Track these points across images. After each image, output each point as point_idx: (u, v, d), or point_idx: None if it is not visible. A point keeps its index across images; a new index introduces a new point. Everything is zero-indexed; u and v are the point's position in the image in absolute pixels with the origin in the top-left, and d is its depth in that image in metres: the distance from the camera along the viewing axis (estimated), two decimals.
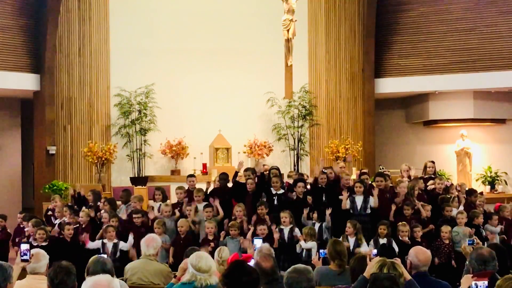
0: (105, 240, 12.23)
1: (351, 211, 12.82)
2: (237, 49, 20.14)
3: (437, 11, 20.34)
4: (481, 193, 15.85)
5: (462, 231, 12.62)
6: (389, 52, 20.75)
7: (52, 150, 18.75)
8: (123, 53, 19.66)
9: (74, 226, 12.76)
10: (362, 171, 14.91)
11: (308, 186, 13.85)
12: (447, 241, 12.37)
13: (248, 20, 20.17)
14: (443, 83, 20.09)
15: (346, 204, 12.83)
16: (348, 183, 13.42)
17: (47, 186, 17.59)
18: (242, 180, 14.04)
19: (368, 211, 12.82)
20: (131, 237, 12.26)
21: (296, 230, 12.26)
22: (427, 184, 14.19)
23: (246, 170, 14.34)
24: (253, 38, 20.20)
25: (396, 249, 11.64)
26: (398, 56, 20.70)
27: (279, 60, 17.63)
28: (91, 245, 12.23)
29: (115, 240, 12.21)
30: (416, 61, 20.48)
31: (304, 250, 11.91)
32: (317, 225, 12.62)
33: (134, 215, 12.85)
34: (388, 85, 20.72)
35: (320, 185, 13.46)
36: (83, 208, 13.52)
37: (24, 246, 6.85)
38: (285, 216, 12.37)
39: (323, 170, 14.06)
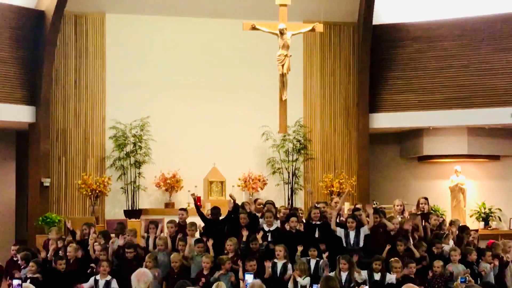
0: (97, 277, 12.21)
1: (345, 245, 12.83)
2: (232, 83, 20.26)
3: (432, 47, 20.46)
4: (476, 231, 15.86)
5: (456, 268, 12.62)
6: (384, 87, 20.83)
7: (47, 182, 18.72)
8: (118, 86, 19.73)
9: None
10: (356, 206, 14.91)
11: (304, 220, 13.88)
12: (439, 275, 12.38)
13: (243, 55, 20.30)
14: (438, 119, 20.15)
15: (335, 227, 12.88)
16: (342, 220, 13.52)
17: (41, 218, 17.55)
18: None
19: (361, 244, 12.85)
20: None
21: (289, 266, 12.24)
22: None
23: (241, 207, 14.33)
24: (248, 73, 20.32)
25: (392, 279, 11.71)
26: (392, 91, 20.78)
27: (274, 95, 17.70)
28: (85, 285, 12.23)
29: (108, 277, 12.21)
30: (410, 97, 20.56)
31: (300, 286, 11.87)
32: (313, 261, 12.59)
33: (126, 250, 12.82)
34: (383, 120, 20.77)
35: (313, 222, 13.45)
36: (71, 243, 13.48)
37: (16, 282, 6.86)
38: (279, 249, 12.38)
39: (316, 205, 14.09)
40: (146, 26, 20.05)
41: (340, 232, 13.05)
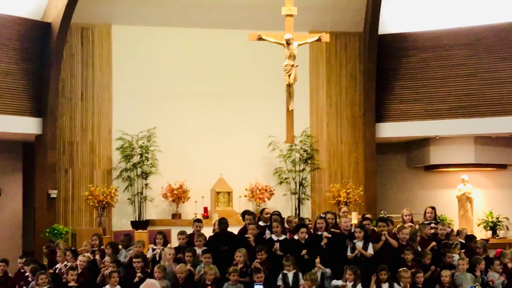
0: (107, 287, 12.22)
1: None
2: (239, 94, 20.29)
3: (438, 56, 20.47)
4: (487, 240, 15.82)
5: (464, 277, 12.59)
6: (390, 96, 20.83)
7: (54, 194, 18.74)
8: (125, 97, 19.78)
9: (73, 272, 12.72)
10: (365, 216, 14.87)
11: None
12: (447, 285, 12.33)
13: (250, 65, 20.33)
14: (444, 128, 20.13)
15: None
16: (347, 227, 13.49)
17: (48, 230, 17.56)
18: None
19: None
20: None
21: (300, 275, 12.23)
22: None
23: (248, 213, 14.34)
24: (254, 83, 20.35)
25: None
26: (399, 101, 20.77)
27: (281, 105, 17.66)
28: None
29: (118, 287, 12.23)
30: (417, 106, 20.54)
31: None
32: (319, 272, 12.60)
33: (134, 260, 12.81)
34: (389, 130, 20.75)
35: (319, 232, 13.44)
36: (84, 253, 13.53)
37: None
38: (287, 264, 12.36)
39: (322, 215, 14.08)
40: (152, 37, 20.10)
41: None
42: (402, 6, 20.83)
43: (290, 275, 12.27)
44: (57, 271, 13.40)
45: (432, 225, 14.39)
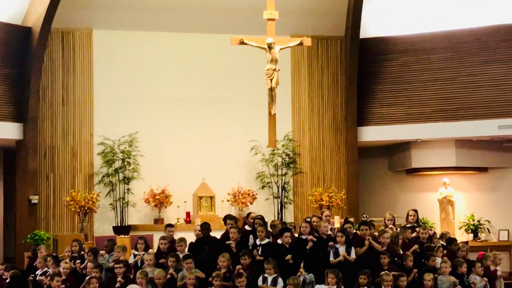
0: None
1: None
2: (221, 98, 20.28)
3: (419, 60, 20.55)
4: (467, 242, 15.89)
5: (447, 280, 12.64)
6: (372, 100, 20.89)
7: (35, 199, 18.63)
8: (106, 102, 19.71)
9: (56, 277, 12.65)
10: (348, 219, 14.88)
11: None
12: None
13: (232, 70, 20.33)
14: (425, 132, 20.22)
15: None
16: (327, 231, 13.52)
17: (29, 235, 17.43)
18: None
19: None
20: None
21: (280, 280, 12.21)
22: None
23: (229, 218, 14.32)
24: (236, 87, 20.36)
25: None
26: (380, 104, 20.84)
27: (263, 109, 17.70)
28: None
29: None
30: (398, 110, 20.62)
31: None
32: (302, 277, 12.59)
33: (116, 265, 12.75)
34: (371, 134, 20.82)
35: (303, 236, 13.43)
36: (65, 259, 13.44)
37: None
38: (268, 267, 12.34)
39: (307, 219, 14.08)
40: (134, 42, 20.06)
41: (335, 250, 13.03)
42: (383, 10, 20.92)
43: (270, 279, 12.26)
44: (37, 278, 13.31)
45: (419, 229, 14.39)
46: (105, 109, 19.68)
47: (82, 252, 13.85)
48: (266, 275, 12.31)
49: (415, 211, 15.06)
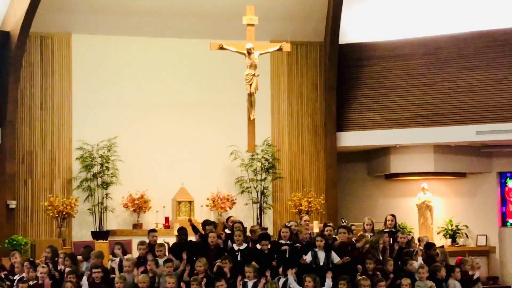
0: None
1: (314, 266, 12.81)
2: (200, 103, 20.25)
3: (398, 66, 20.66)
4: (442, 246, 15.95)
5: (424, 285, 12.67)
6: (351, 106, 20.96)
7: (12, 204, 18.52)
8: (85, 107, 19.63)
9: (32, 283, 12.56)
10: (327, 224, 14.90)
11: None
12: None
13: (211, 75, 20.31)
14: (404, 137, 20.30)
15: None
16: (307, 237, 13.53)
17: (7, 241, 17.33)
18: None
19: (331, 266, 12.85)
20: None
21: (260, 285, 12.21)
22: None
23: (208, 223, 14.32)
24: (216, 92, 20.34)
25: None
26: (359, 110, 20.92)
27: (242, 114, 17.74)
28: None
29: None
30: (377, 115, 20.70)
31: None
32: (282, 280, 12.60)
33: (93, 270, 12.69)
34: (350, 139, 20.88)
35: (283, 241, 13.45)
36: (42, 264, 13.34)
37: None
38: (249, 270, 12.33)
39: (286, 224, 14.10)
40: (112, 47, 19.99)
41: (309, 255, 13.02)
42: (362, 16, 21.02)
43: (250, 284, 12.25)
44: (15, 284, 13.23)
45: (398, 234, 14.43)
46: (83, 114, 19.60)
47: (56, 258, 13.71)
48: (246, 279, 12.31)
49: (393, 216, 15.08)
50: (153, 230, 14.40)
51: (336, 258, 12.93)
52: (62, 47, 19.74)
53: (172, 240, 14.38)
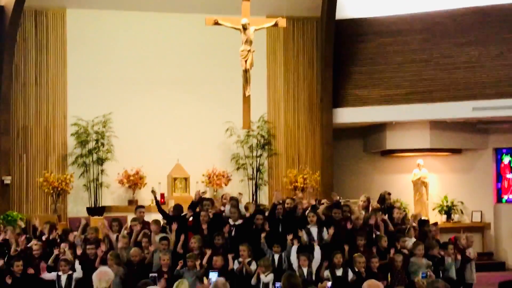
0: (59, 273, 12.21)
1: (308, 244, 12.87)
2: (196, 79, 20.15)
3: (395, 42, 20.58)
4: (435, 223, 15.97)
5: (420, 263, 12.70)
6: (347, 82, 20.89)
7: (7, 180, 18.50)
8: (80, 82, 19.54)
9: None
10: (320, 201, 14.92)
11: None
12: (399, 269, 12.46)
13: (206, 50, 20.18)
14: (400, 114, 20.25)
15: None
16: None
17: (2, 217, 17.35)
18: None
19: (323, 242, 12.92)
20: (77, 264, 12.28)
21: (253, 263, 12.25)
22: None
23: (204, 199, 14.34)
24: (211, 68, 20.22)
25: (351, 275, 11.73)
26: (356, 86, 20.85)
27: (238, 90, 17.67)
28: (46, 275, 12.21)
29: (69, 272, 12.24)
30: (373, 92, 20.64)
31: (262, 283, 11.88)
32: (276, 256, 12.65)
33: (87, 246, 12.76)
34: (346, 115, 20.84)
35: (277, 216, 13.50)
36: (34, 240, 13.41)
37: None
38: (243, 249, 12.38)
39: (280, 201, 14.12)
40: (107, 21, 19.87)
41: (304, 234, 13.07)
42: None
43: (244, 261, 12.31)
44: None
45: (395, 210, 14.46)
46: (78, 90, 19.51)
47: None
48: (240, 259, 12.35)
49: (389, 194, 15.10)
50: (140, 206, 14.50)
51: (326, 237, 13.03)
52: (56, 22, 19.62)
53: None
